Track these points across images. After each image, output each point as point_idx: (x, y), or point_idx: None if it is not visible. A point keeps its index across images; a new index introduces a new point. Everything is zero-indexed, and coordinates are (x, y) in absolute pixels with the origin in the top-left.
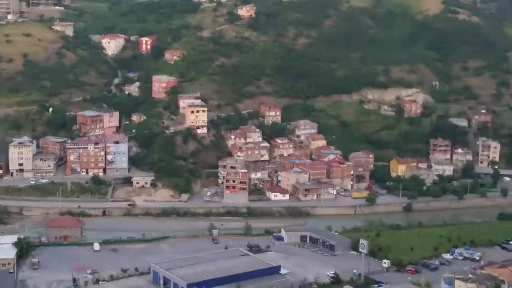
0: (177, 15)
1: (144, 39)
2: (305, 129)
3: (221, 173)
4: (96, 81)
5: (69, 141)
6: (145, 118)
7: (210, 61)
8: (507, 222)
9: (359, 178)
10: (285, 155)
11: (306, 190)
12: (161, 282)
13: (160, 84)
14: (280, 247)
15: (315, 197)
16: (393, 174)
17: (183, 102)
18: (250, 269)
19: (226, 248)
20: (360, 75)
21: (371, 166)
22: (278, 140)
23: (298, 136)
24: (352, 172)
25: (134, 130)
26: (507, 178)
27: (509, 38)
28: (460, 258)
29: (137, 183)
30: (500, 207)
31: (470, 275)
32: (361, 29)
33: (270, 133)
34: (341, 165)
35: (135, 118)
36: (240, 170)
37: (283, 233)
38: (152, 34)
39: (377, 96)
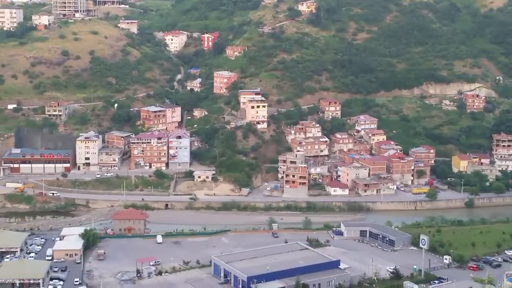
0: (238, 11)
1: (206, 35)
2: (365, 124)
3: (281, 167)
4: (159, 77)
5: (133, 135)
6: (206, 113)
7: (271, 56)
8: None
9: (419, 174)
10: (344, 150)
11: (365, 185)
12: (222, 274)
13: (221, 79)
14: (340, 241)
15: (374, 192)
16: (455, 170)
17: (244, 98)
18: (310, 263)
19: (286, 242)
20: (421, 69)
21: (432, 161)
22: (338, 135)
23: (358, 131)
24: (412, 168)
25: (195, 125)
26: None
27: None
28: None
29: (199, 177)
30: None
31: None
32: (422, 24)
33: (330, 128)
34: (402, 160)
35: (196, 113)
36: (299, 165)
37: (342, 227)
38: (214, 31)
39: (438, 91)
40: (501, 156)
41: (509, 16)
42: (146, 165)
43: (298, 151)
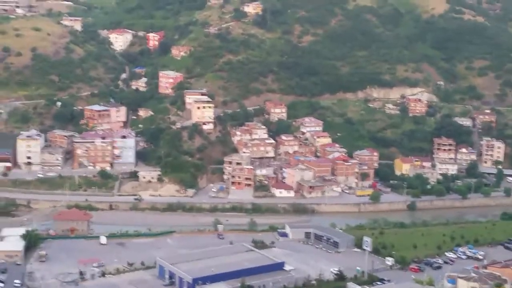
0: (184, 11)
1: (151, 34)
2: (310, 126)
3: (226, 169)
4: (104, 76)
5: (77, 135)
6: (151, 113)
7: (217, 57)
8: (510, 222)
9: (363, 176)
10: (290, 152)
11: (310, 187)
12: (167, 276)
13: (167, 79)
14: (285, 243)
15: (319, 194)
16: (398, 173)
17: (190, 98)
18: (255, 265)
19: (231, 243)
20: (365, 73)
21: (376, 164)
22: (284, 137)
23: (303, 133)
24: (356, 170)
25: (140, 125)
26: (511, 178)
27: None
28: (463, 257)
29: (144, 177)
30: (503, 207)
31: (473, 274)
32: (367, 28)
33: (276, 130)
34: (346, 163)
35: (142, 113)
36: (245, 167)
37: (287, 229)
38: (159, 30)
39: (382, 94)
40: (442, 160)
41: (449, 22)
42: (90, 165)
43: (244, 152)
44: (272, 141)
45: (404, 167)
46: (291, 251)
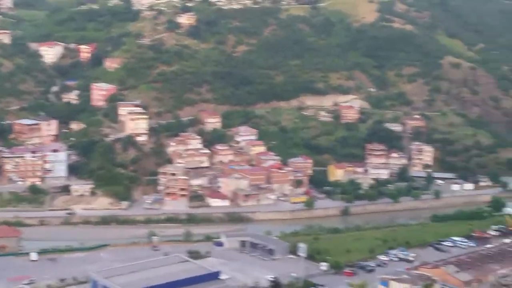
0: (116, 23)
1: (83, 47)
2: (245, 135)
3: (161, 180)
4: (34, 90)
5: (6, 150)
6: (84, 126)
7: (150, 68)
8: (439, 224)
9: (298, 183)
10: (225, 161)
11: (245, 195)
12: None
13: (100, 92)
14: (220, 252)
15: (254, 202)
16: (331, 179)
17: (123, 110)
18: (190, 275)
19: (166, 255)
20: (298, 82)
21: (310, 171)
22: (218, 147)
23: (238, 143)
24: (291, 178)
25: (73, 138)
26: (440, 181)
27: (441, 46)
28: (395, 259)
29: (76, 191)
30: (433, 209)
31: (405, 276)
32: (299, 37)
33: (210, 140)
34: (280, 171)
35: (74, 126)
36: (180, 177)
37: (223, 238)
38: (91, 42)
39: (315, 102)
40: (374, 165)
41: (380, 30)
42: (20, 180)
43: (179, 163)
44: (206, 151)
45: (337, 173)
46: (226, 260)
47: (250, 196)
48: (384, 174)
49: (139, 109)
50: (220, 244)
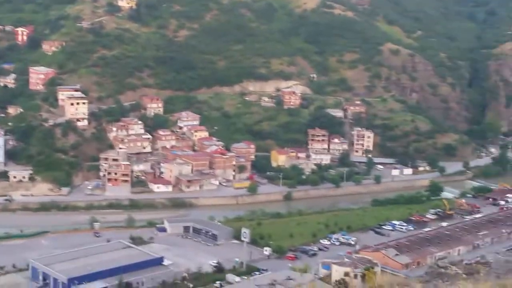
0: (55, 5)
1: (20, 29)
2: (188, 120)
3: (102, 165)
4: None
5: None
6: (22, 110)
7: (90, 52)
8: (380, 208)
9: (241, 169)
10: (167, 147)
11: (188, 181)
12: (41, 278)
13: (38, 75)
14: (163, 238)
15: (197, 188)
16: (274, 164)
17: (62, 94)
18: (133, 261)
19: (108, 241)
20: (241, 67)
21: (253, 156)
22: (161, 132)
23: (181, 128)
24: (234, 163)
25: (10, 123)
26: (380, 166)
27: (381, 33)
28: (337, 243)
29: (14, 177)
30: (373, 194)
31: (346, 259)
32: (241, 22)
33: (153, 125)
34: (223, 156)
35: (11, 110)
36: (122, 163)
37: (166, 224)
38: (29, 25)
39: (257, 88)
40: (316, 150)
41: (321, 17)
42: None
43: (120, 148)
44: (149, 136)
45: (280, 159)
46: (170, 246)
47: (193, 181)
48: (326, 159)
49: (79, 94)
50: (163, 229)
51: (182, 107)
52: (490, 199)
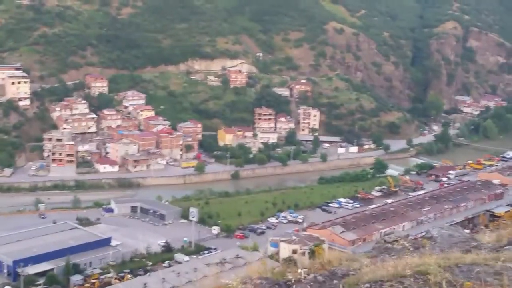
0: None
1: None
2: (133, 100)
3: (46, 146)
4: None
5: None
6: None
7: (31, 30)
8: (326, 186)
9: (188, 148)
10: (113, 126)
11: (135, 161)
12: None
13: None
14: (111, 219)
15: (144, 168)
16: (221, 143)
17: (3, 73)
18: (80, 242)
19: (54, 222)
20: (186, 46)
21: (200, 136)
22: (106, 112)
23: (126, 107)
24: (181, 142)
25: None
26: (326, 145)
27: (326, 11)
28: (285, 221)
29: None
30: (320, 172)
31: (294, 237)
32: (186, 0)
33: (97, 105)
34: (170, 136)
35: None
36: (66, 143)
37: (113, 204)
38: None
39: (203, 66)
40: (262, 129)
41: None
42: None
43: (65, 128)
44: (93, 116)
45: (227, 138)
46: (117, 226)
47: (140, 161)
48: (272, 138)
49: (20, 73)
50: (110, 210)
51: (127, 86)
52: (433, 176)
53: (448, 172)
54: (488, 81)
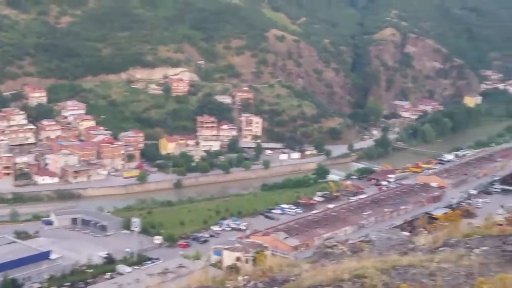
0: None
1: None
2: (73, 110)
3: None
4: None
5: None
6: None
7: None
8: (269, 193)
9: (129, 158)
10: (52, 137)
11: (75, 172)
12: None
13: None
14: (50, 231)
15: (85, 178)
16: (163, 152)
17: None
18: (18, 256)
19: None
20: (127, 54)
21: (141, 145)
22: (45, 122)
23: (66, 118)
24: (122, 152)
25: None
26: (269, 151)
27: (266, 19)
28: (228, 229)
29: None
30: (263, 179)
31: (237, 245)
32: (126, 9)
33: (36, 115)
34: (111, 145)
35: None
36: (3, 155)
37: (53, 217)
38: None
39: (145, 75)
40: (205, 137)
41: (207, 3)
42: None
43: (2, 140)
44: (32, 126)
45: (169, 146)
46: (57, 239)
47: (80, 172)
48: (215, 145)
49: None
50: (49, 222)
51: (67, 96)
52: (373, 180)
53: (388, 176)
54: (425, 86)
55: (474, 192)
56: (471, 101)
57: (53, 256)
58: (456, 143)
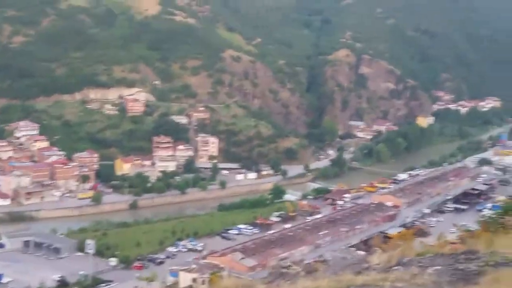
0: None
1: None
2: (26, 130)
3: None
4: None
5: None
6: None
7: None
8: (226, 213)
9: (84, 179)
10: (4, 158)
11: (28, 193)
12: None
13: None
14: (2, 254)
15: (38, 200)
16: (119, 173)
17: None
18: None
19: None
20: (81, 74)
21: (96, 165)
22: None
23: (18, 138)
24: (76, 173)
25: None
26: (225, 172)
27: (222, 40)
28: (185, 250)
29: None
30: (219, 199)
31: (193, 266)
32: (81, 28)
33: None
34: (65, 166)
35: None
36: None
37: (4, 239)
38: None
39: (99, 95)
40: (161, 158)
41: (164, 24)
42: None
43: None
44: None
45: (124, 167)
46: (9, 262)
47: (33, 193)
48: (171, 166)
49: None
50: (1, 245)
51: (20, 117)
52: (329, 200)
53: (344, 195)
54: (379, 106)
55: (428, 211)
56: (423, 121)
57: (4, 279)
58: (410, 163)
